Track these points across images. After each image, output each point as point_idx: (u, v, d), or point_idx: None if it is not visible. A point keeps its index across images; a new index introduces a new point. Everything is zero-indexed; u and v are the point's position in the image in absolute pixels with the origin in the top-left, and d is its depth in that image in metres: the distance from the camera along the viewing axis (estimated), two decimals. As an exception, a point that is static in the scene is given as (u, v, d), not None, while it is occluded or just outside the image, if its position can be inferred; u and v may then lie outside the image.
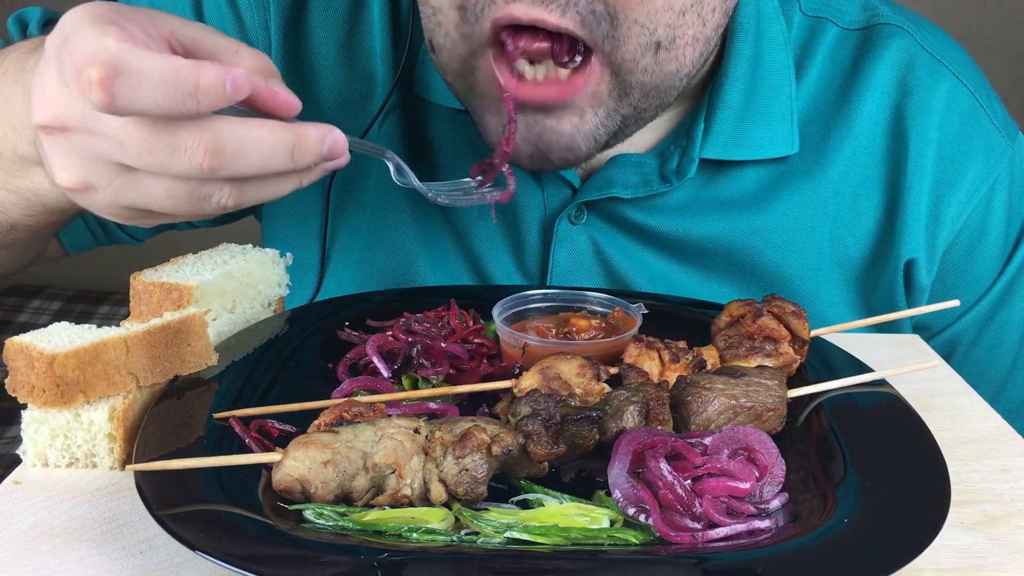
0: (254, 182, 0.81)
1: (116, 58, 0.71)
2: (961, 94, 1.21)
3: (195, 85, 0.72)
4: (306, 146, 0.79)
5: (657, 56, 0.97)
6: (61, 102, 0.77)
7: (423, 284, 1.23)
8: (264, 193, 0.82)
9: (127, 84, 0.71)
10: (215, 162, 0.75)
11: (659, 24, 0.95)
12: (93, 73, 0.70)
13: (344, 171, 1.22)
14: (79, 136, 0.78)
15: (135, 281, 0.94)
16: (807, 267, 1.21)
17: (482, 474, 0.74)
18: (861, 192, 1.21)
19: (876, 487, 0.75)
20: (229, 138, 0.75)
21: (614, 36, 0.94)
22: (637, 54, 0.96)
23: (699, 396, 0.82)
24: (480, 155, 1.20)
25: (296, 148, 0.78)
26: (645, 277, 1.20)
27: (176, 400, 0.84)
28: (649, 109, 1.03)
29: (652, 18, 0.94)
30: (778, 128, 1.17)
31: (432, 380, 0.92)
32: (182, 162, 0.75)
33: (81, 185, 0.80)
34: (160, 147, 0.75)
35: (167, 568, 0.69)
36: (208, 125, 0.75)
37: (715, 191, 1.19)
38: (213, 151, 0.75)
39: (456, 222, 1.23)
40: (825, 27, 1.22)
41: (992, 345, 1.27)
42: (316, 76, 1.23)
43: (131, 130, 0.75)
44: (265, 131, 0.77)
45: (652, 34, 0.95)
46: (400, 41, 1.22)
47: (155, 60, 0.72)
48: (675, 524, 0.72)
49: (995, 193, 1.22)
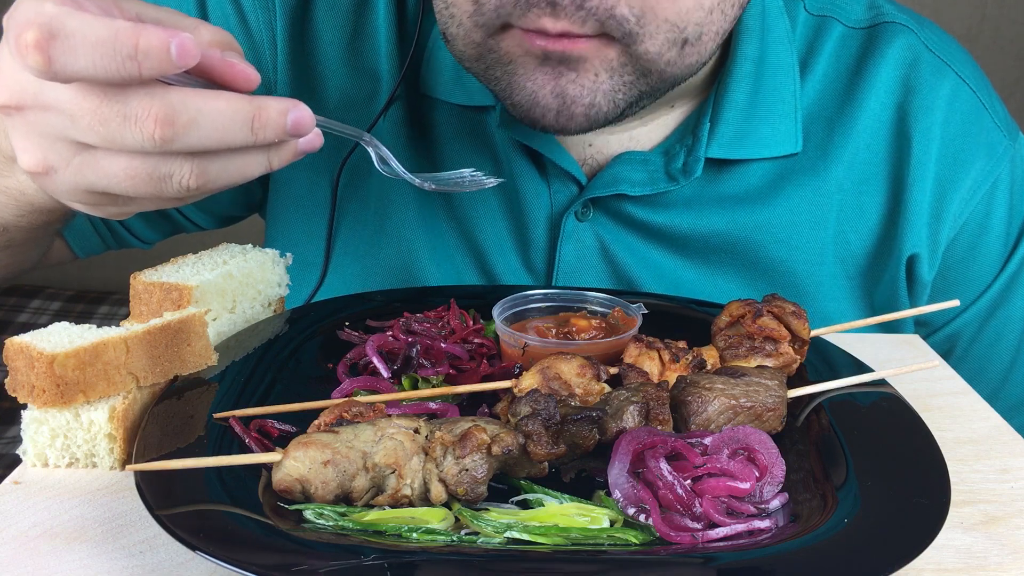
0: (217, 161, 0.78)
1: (53, 20, 0.69)
2: (964, 93, 1.22)
3: (135, 47, 0.69)
4: (266, 118, 0.76)
5: (682, 51, 0.98)
6: (14, 78, 0.76)
7: (427, 279, 1.23)
8: (229, 173, 0.79)
9: (64, 47, 0.69)
10: (167, 132, 0.73)
11: (689, 23, 0.96)
12: (29, 36, 0.69)
13: (349, 165, 1.23)
14: (34, 113, 0.76)
15: (135, 281, 0.94)
16: (811, 262, 1.21)
17: (482, 474, 0.74)
18: (865, 188, 1.22)
19: (876, 487, 0.74)
20: (183, 108, 0.73)
21: (639, 33, 0.94)
22: (663, 49, 0.96)
23: (699, 396, 0.82)
24: (487, 151, 1.20)
25: (256, 120, 0.75)
26: (650, 274, 1.21)
27: (176, 400, 0.84)
28: (663, 90, 1.04)
29: (683, 17, 0.95)
30: (782, 127, 1.18)
31: (432, 380, 0.92)
32: (134, 133, 0.73)
33: (41, 167, 0.78)
34: (110, 117, 0.73)
35: (167, 568, 0.69)
36: (160, 94, 0.73)
37: (720, 187, 1.20)
38: (164, 120, 0.72)
39: (462, 218, 1.23)
40: (830, 25, 1.23)
41: (992, 342, 1.28)
42: (321, 76, 1.23)
43: (80, 101, 0.73)
44: (222, 102, 0.74)
45: (681, 32, 0.96)
46: (406, 40, 1.22)
47: (93, 22, 0.70)
48: (675, 524, 0.72)
49: (997, 191, 1.23)
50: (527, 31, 0.94)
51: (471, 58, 1.01)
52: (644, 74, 0.99)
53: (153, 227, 1.35)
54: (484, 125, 1.21)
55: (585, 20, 0.92)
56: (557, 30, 0.92)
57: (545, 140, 1.17)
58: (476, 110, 1.20)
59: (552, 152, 1.17)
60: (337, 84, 1.23)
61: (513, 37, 0.96)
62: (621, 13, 0.92)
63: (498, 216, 1.22)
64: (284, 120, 0.77)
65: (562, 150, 1.17)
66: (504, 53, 0.98)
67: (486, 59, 1.00)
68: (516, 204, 1.21)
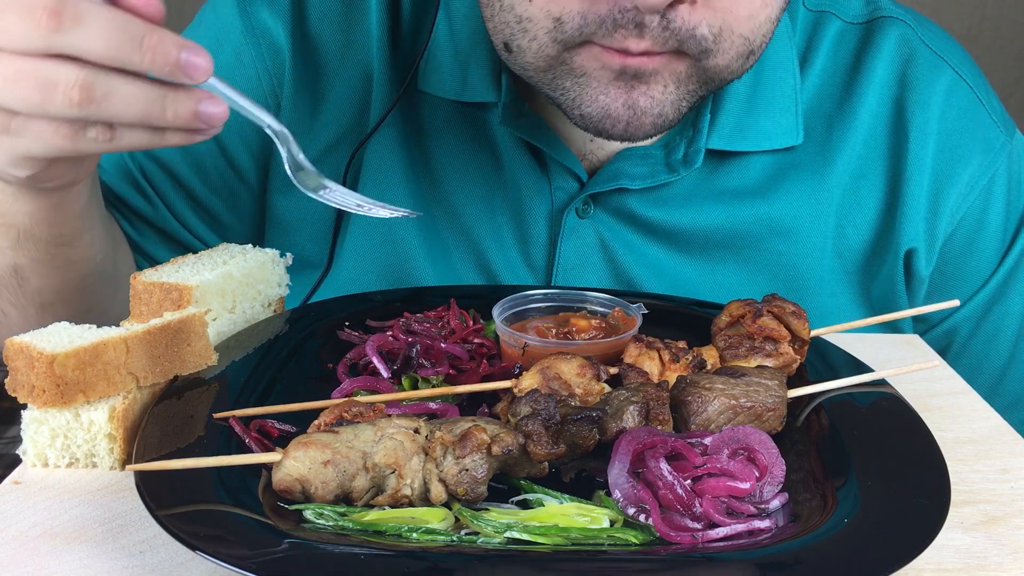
0: (109, 81, 0.76)
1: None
2: (960, 89, 1.23)
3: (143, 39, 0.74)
4: (158, 40, 0.75)
5: (747, 61, 1.02)
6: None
7: (423, 276, 1.23)
8: (124, 99, 0.76)
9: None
10: (53, 22, 0.73)
11: (758, 35, 1.00)
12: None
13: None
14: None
15: (135, 281, 0.94)
16: (811, 256, 1.22)
17: (482, 474, 0.74)
18: (863, 183, 1.22)
19: (876, 487, 0.74)
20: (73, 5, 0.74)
21: (714, 50, 0.97)
22: (731, 61, 1.00)
23: (699, 396, 0.82)
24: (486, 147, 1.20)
25: (147, 38, 0.74)
26: (650, 272, 1.21)
27: (176, 400, 0.84)
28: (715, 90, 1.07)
29: (755, 31, 0.99)
30: (782, 119, 1.20)
31: (432, 380, 0.92)
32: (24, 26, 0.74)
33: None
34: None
35: (167, 568, 0.69)
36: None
37: (720, 181, 1.20)
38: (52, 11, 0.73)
39: (460, 214, 1.23)
40: (828, 21, 1.25)
41: (990, 337, 1.28)
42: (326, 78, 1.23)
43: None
44: (117, 14, 0.75)
45: (750, 44, 1.00)
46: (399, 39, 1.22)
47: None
48: (675, 524, 0.72)
49: (994, 187, 1.23)
50: (607, 48, 0.96)
51: (539, 69, 1.02)
52: (707, 82, 1.02)
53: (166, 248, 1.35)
54: (484, 122, 1.21)
55: (667, 40, 0.94)
56: (640, 49, 0.95)
57: (548, 138, 1.17)
58: (475, 106, 1.20)
59: (554, 149, 1.17)
60: (339, 87, 1.23)
61: (590, 52, 0.97)
62: (701, 33, 0.95)
63: (498, 212, 1.22)
64: (176, 52, 0.75)
65: (564, 147, 1.18)
66: (577, 66, 0.99)
67: (556, 70, 1.01)
68: (516, 200, 1.21)
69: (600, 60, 0.97)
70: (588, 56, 0.98)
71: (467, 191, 1.22)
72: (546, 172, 1.20)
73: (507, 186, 1.21)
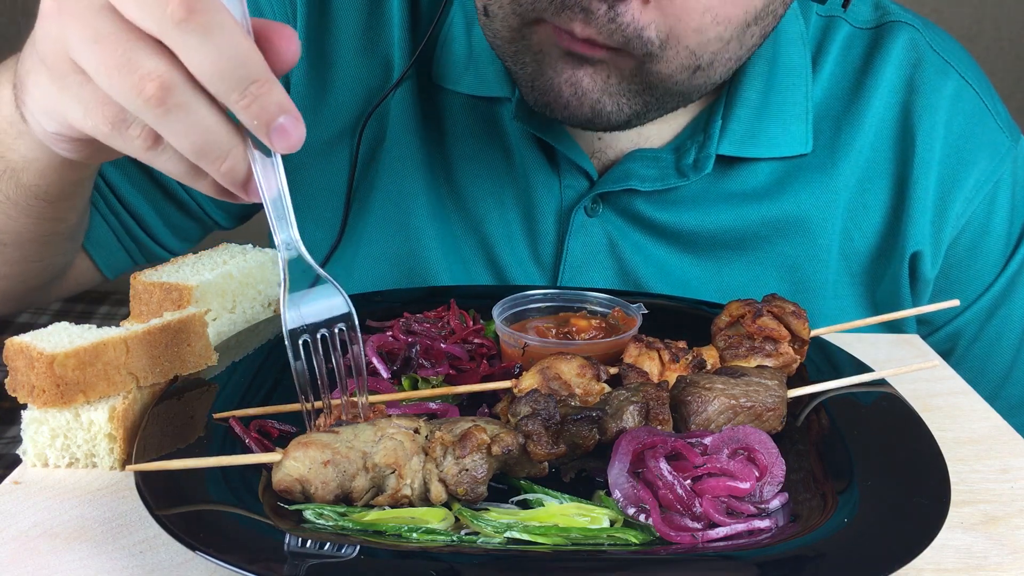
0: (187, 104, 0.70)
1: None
2: (967, 94, 1.24)
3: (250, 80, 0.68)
4: (266, 90, 0.69)
5: (693, 75, 1.01)
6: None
7: (434, 268, 1.24)
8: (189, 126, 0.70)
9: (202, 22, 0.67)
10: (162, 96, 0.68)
11: (706, 51, 0.99)
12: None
13: (361, 156, 1.25)
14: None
15: (135, 281, 0.94)
16: (817, 259, 1.22)
17: (482, 474, 0.74)
18: (870, 187, 1.23)
19: (876, 487, 0.74)
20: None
21: (659, 56, 0.97)
22: (675, 72, 1.00)
23: (699, 396, 0.82)
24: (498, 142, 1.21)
25: (255, 83, 0.69)
26: (656, 272, 1.21)
27: (176, 400, 0.84)
28: (670, 105, 1.07)
29: (702, 47, 0.98)
30: (793, 127, 1.20)
31: (432, 380, 0.92)
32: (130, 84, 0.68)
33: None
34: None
35: (167, 568, 0.69)
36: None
37: (728, 185, 1.21)
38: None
39: (471, 208, 1.24)
40: (838, 25, 1.25)
41: (993, 341, 1.29)
42: (336, 63, 1.24)
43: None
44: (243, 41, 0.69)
45: (696, 59, 0.99)
46: (419, 30, 1.24)
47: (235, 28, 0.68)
48: (675, 524, 0.72)
49: (999, 192, 1.24)
50: (557, 28, 0.97)
51: (505, 39, 1.04)
52: (649, 87, 1.01)
53: (179, 235, 1.35)
54: (497, 117, 1.21)
55: (612, 33, 0.94)
56: (584, 35, 0.95)
57: (559, 134, 1.18)
58: (489, 101, 1.21)
59: (565, 146, 1.18)
60: (351, 72, 1.25)
61: (545, 30, 0.99)
62: (648, 36, 0.95)
63: (508, 207, 1.23)
64: (275, 113, 0.69)
65: (575, 145, 1.18)
66: (535, 43, 1.01)
67: (518, 44, 1.03)
68: (526, 197, 1.22)
69: (552, 39, 0.99)
70: (543, 33, 1.00)
71: (479, 184, 1.23)
72: (556, 170, 1.20)
73: (518, 182, 1.22)
